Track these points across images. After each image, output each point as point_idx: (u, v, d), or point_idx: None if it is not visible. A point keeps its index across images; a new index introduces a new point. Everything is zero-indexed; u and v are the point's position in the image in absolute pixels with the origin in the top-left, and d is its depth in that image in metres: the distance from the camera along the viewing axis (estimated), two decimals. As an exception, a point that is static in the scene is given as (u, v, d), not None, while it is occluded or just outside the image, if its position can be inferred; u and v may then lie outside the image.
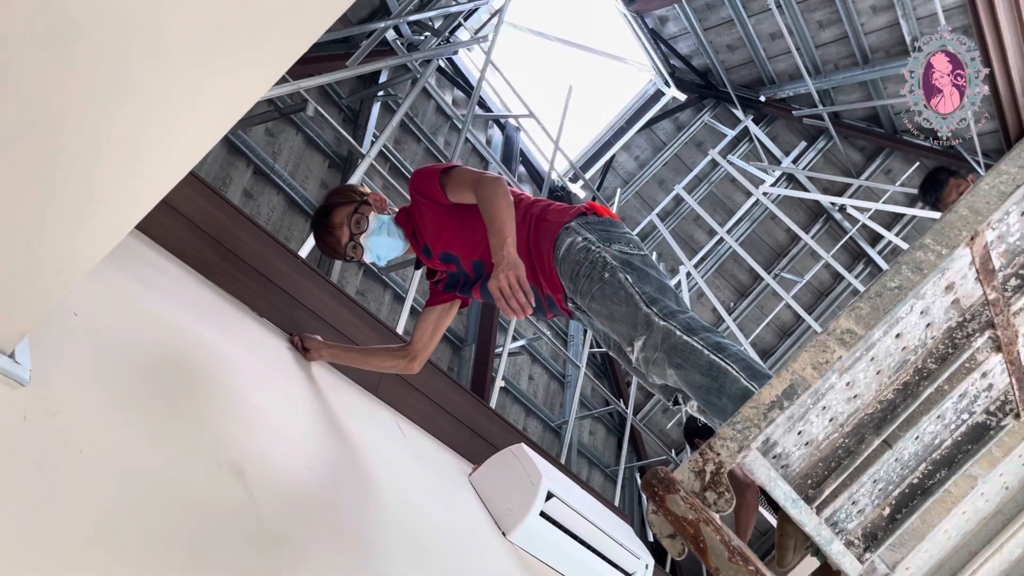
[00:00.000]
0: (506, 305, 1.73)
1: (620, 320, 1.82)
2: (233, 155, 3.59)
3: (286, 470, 1.72)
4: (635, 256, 1.92)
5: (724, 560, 0.82)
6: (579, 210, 2.07)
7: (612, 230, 2.00)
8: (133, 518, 1.14)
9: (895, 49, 6.55)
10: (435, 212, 2.23)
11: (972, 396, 1.22)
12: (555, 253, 2.00)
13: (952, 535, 1.50)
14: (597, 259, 1.89)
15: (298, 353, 2.48)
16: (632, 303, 1.80)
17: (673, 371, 1.70)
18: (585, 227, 1.99)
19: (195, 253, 2.32)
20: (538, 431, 5.81)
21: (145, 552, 1.10)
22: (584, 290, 1.90)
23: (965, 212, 0.95)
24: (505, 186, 2.01)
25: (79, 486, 1.10)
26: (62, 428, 1.18)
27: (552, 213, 2.09)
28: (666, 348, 1.70)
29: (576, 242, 1.95)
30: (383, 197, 2.39)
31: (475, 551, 2.34)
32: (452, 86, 6.22)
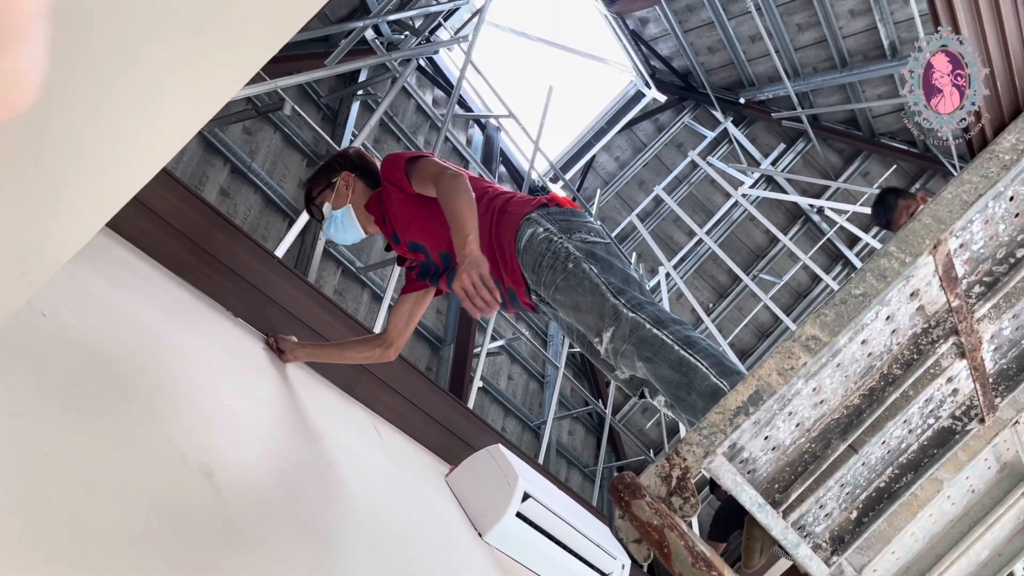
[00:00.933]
0: (471, 304, 1.72)
1: (586, 311, 1.80)
2: (210, 153, 3.57)
3: (257, 471, 1.71)
4: (598, 245, 1.91)
5: (688, 566, 0.82)
6: (540, 201, 2.05)
7: (573, 219, 1.98)
8: (99, 522, 1.13)
9: (873, 53, 6.61)
10: (402, 201, 2.21)
11: (938, 401, 1.23)
12: (516, 245, 1.98)
13: (919, 538, 1.52)
14: (560, 250, 1.87)
15: (274, 354, 2.46)
16: (598, 293, 1.78)
17: (642, 364, 1.68)
18: (546, 218, 1.97)
19: (169, 252, 2.29)
20: (517, 431, 5.81)
21: (112, 556, 1.09)
22: (548, 281, 1.88)
23: (928, 220, 0.97)
24: (465, 182, 1.98)
25: (43, 490, 1.09)
26: (26, 430, 1.16)
27: (513, 205, 2.07)
28: (635, 341, 1.69)
29: (537, 233, 1.94)
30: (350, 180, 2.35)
31: (450, 552, 2.34)
32: (432, 85, 6.21)
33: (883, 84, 6.83)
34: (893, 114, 7.10)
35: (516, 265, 2.00)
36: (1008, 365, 1.29)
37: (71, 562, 1.02)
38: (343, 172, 2.36)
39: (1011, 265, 1.13)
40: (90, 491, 1.18)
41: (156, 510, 1.27)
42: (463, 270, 1.75)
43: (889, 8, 6.19)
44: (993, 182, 0.97)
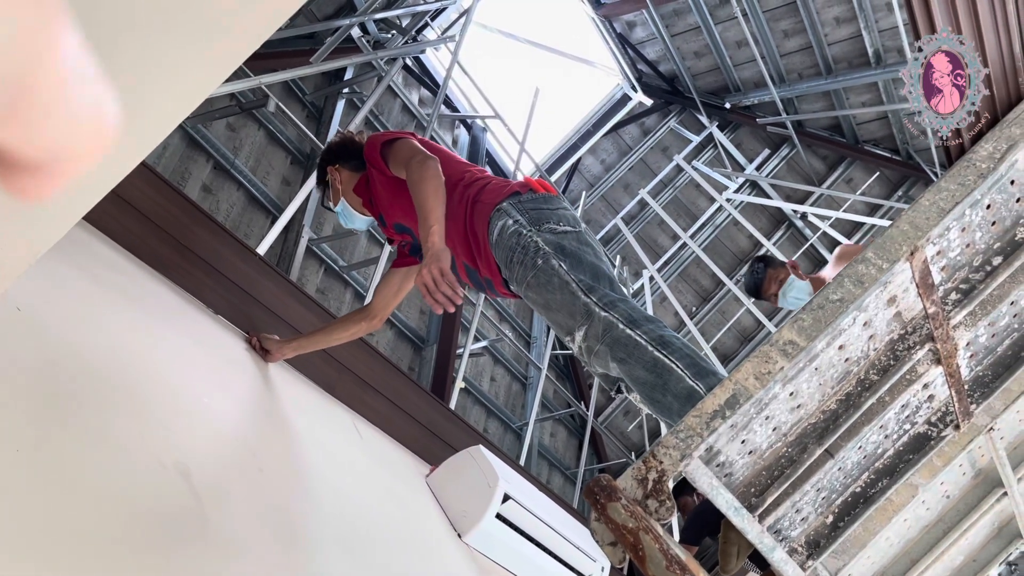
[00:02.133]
0: (432, 300, 1.70)
1: (556, 309, 1.76)
2: (192, 149, 3.54)
3: (235, 471, 1.70)
4: (567, 236, 1.86)
5: (662, 569, 0.82)
6: (512, 188, 2.00)
7: (544, 208, 1.93)
8: (73, 520, 1.12)
9: (857, 60, 6.66)
10: (384, 182, 2.18)
11: (914, 407, 1.24)
12: (489, 238, 1.94)
13: (894, 543, 1.53)
14: (528, 244, 1.82)
15: (257, 354, 2.45)
16: (568, 291, 1.74)
17: (616, 364, 1.64)
18: (516, 208, 1.92)
19: (150, 249, 2.28)
20: (499, 432, 5.81)
21: (85, 554, 1.08)
22: (519, 278, 1.84)
23: (906, 227, 0.97)
24: (434, 169, 1.93)
25: (16, 486, 1.08)
26: (4, 427, 1.15)
27: (486, 193, 2.02)
28: (608, 341, 1.65)
29: (507, 226, 1.89)
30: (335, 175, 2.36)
31: (430, 553, 2.34)
32: (418, 85, 6.20)
33: (867, 91, 6.89)
34: (877, 121, 7.16)
35: (490, 256, 1.96)
36: (983, 372, 1.30)
37: (44, 561, 1.00)
38: (328, 168, 2.36)
39: (987, 273, 1.14)
40: (65, 489, 1.16)
41: (131, 509, 1.26)
42: (424, 264, 1.72)
43: (874, 16, 6.24)
44: (970, 190, 0.98)
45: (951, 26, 1.38)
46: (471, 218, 2.02)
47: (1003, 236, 1.13)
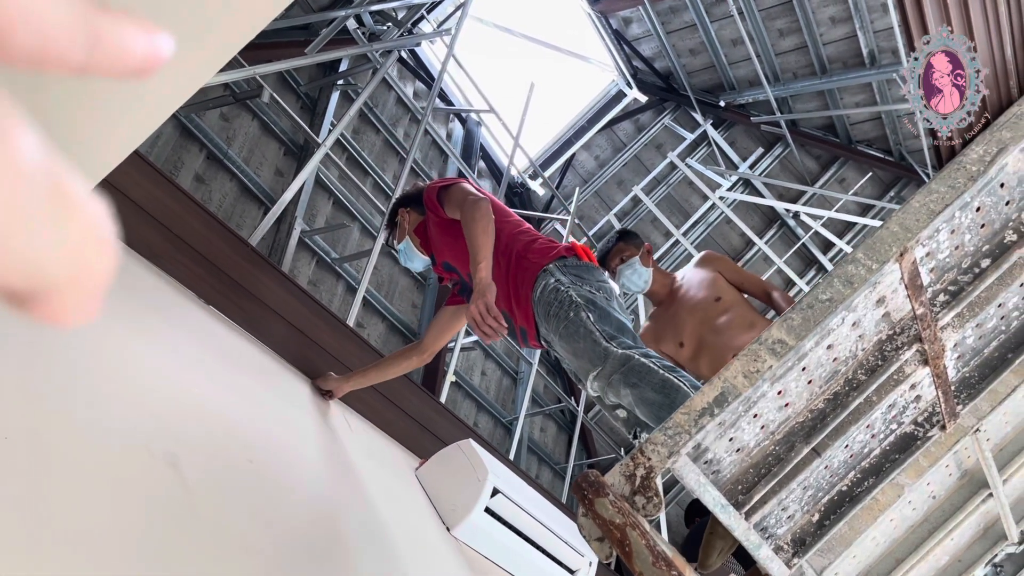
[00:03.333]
0: (480, 332, 1.85)
1: (580, 356, 1.92)
2: (185, 139, 3.53)
3: (225, 462, 1.70)
4: (599, 294, 2.03)
5: (648, 565, 0.83)
6: (560, 252, 2.17)
7: (586, 276, 2.09)
8: (60, 507, 1.12)
9: (852, 60, 6.68)
10: (438, 224, 2.38)
11: (901, 407, 1.25)
12: (532, 295, 2.11)
13: (880, 542, 1.54)
14: (564, 299, 2.00)
15: (246, 348, 2.45)
16: (591, 339, 1.90)
17: (628, 390, 1.77)
18: (562, 270, 2.09)
19: (141, 238, 2.27)
20: (489, 427, 5.81)
21: (73, 542, 1.08)
22: (553, 328, 2.01)
23: (896, 228, 0.98)
24: (484, 209, 2.11)
25: (5, 474, 1.08)
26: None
27: (534, 252, 2.19)
28: (624, 371, 1.79)
29: (550, 284, 2.06)
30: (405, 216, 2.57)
31: (418, 545, 2.34)
32: (413, 78, 6.19)
33: (861, 92, 6.90)
34: (870, 122, 7.18)
35: (530, 310, 2.13)
36: (970, 373, 1.31)
37: (31, 546, 1.00)
38: (400, 209, 2.58)
39: (976, 275, 1.14)
40: (52, 476, 1.16)
41: (119, 498, 1.26)
42: (473, 299, 1.89)
43: (869, 17, 6.25)
44: (960, 192, 0.99)
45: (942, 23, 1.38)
46: (515, 271, 2.20)
47: (992, 239, 1.14)
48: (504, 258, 2.21)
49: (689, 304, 2.58)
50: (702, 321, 2.48)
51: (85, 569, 1.06)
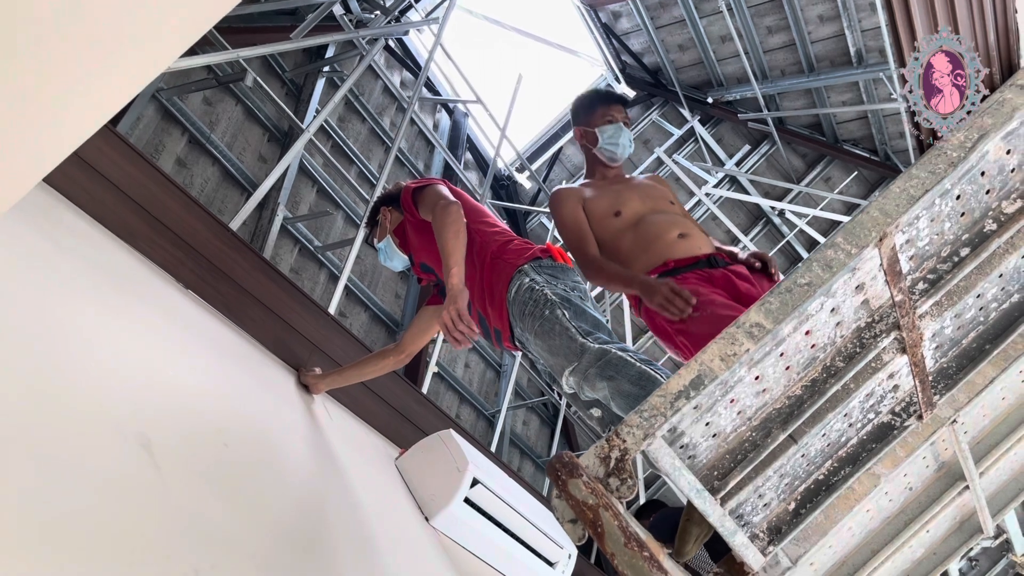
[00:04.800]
0: (451, 338, 1.88)
1: (555, 353, 1.91)
2: (167, 122, 3.48)
3: (199, 445, 1.68)
4: (574, 295, 2.03)
5: (620, 546, 0.82)
6: (535, 253, 2.17)
7: (561, 276, 2.10)
8: (28, 488, 1.10)
9: (839, 59, 6.70)
10: (414, 225, 2.39)
11: (879, 396, 1.24)
12: (507, 295, 2.10)
13: (856, 532, 1.54)
14: (540, 297, 2.00)
15: (224, 333, 2.42)
16: (567, 335, 1.89)
17: (605, 383, 1.76)
18: (536, 270, 2.09)
19: (119, 219, 2.24)
20: (471, 419, 5.80)
21: (41, 526, 1.05)
22: (528, 327, 2.01)
23: (876, 213, 0.97)
24: (455, 214, 2.12)
25: (-33, 451, 1.05)
26: (-48, 390, 1.12)
27: (509, 253, 2.19)
28: (601, 364, 1.78)
29: (524, 284, 2.06)
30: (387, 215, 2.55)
31: (396, 535, 2.33)
32: (400, 67, 6.15)
33: (848, 91, 6.93)
34: (856, 121, 7.20)
35: (504, 311, 2.12)
36: (948, 364, 1.31)
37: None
38: (382, 208, 2.57)
39: (955, 264, 1.14)
40: (20, 455, 1.14)
41: (88, 479, 1.24)
42: (445, 305, 1.91)
43: (857, 16, 6.27)
44: (940, 178, 0.98)
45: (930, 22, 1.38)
46: (490, 272, 2.19)
47: (971, 227, 1.13)
48: (479, 259, 2.21)
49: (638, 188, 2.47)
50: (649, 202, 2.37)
51: (51, 548, 1.04)
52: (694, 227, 2.31)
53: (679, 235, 2.22)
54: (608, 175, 2.55)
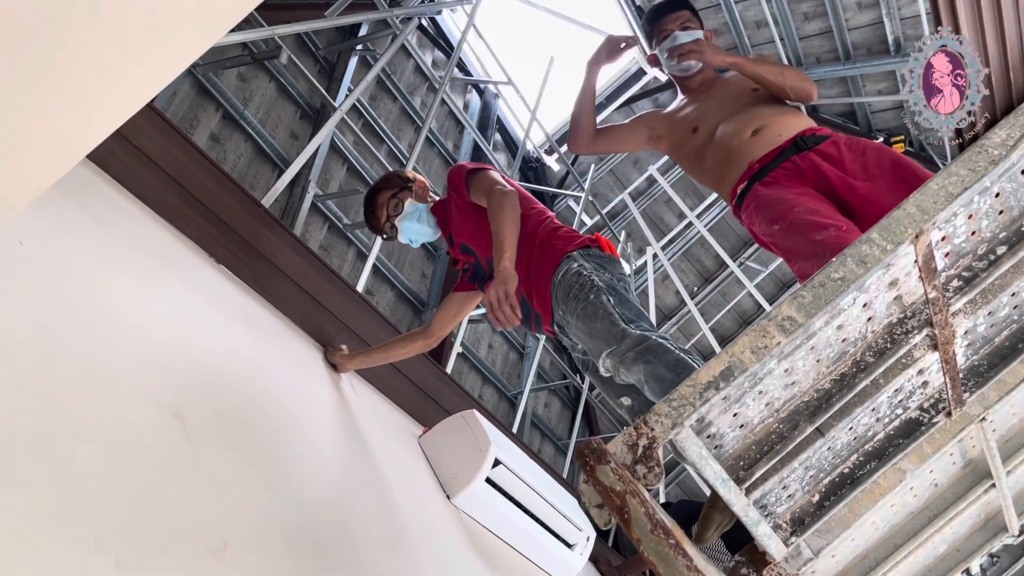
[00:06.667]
0: (494, 317, 1.93)
1: (596, 336, 1.93)
2: (202, 97, 3.52)
3: (229, 418, 1.71)
4: (619, 285, 2.05)
5: (646, 532, 0.83)
6: (584, 241, 2.19)
7: (608, 266, 2.12)
8: (67, 452, 1.13)
9: (877, 47, 6.59)
10: (460, 206, 2.40)
11: (907, 392, 1.24)
12: (553, 279, 2.13)
13: (879, 526, 1.53)
14: (586, 282, 2.02)
15: (255, 309, 2.46)
16: (609, 320, 1.91)
17: (642, 366, 1.78)
18: (585, 257, 2.12)
19: (155, 194, 2.27)
20: (493, 399, 5.84)
21: (72, 489, 1.09)
22: (571, 310, 2.02)
23: (912, 210, 0.97)
24: (513, 201, 2.16)
25: (12, 416, 1.09)
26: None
27: (558, 239, 2.21)
28: (640, 349, 1.80)
29: (572, 268, 2.08)
30: (426, 185, 2.59)
31: (418, 512, 2.36)
32: (433, 47, 6.14)
33: (884, 80, 6.82)
34: (892, 111, 7.09)
35: (548, 295, 2.15)
36: (979, 362, 1.30)
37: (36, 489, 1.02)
38: (417, 179, 2.59)
39: (991, 262, 1.13)
40: (59, 419, 1.17)
41: (124, 449, 1.27)
42: (494, 285, 1.96)
43: (896, 3, 6.16)
44: (980, 176, 0.97)
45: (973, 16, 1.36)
46: (538, 256, 2.21)
47: (1010, 226, 1.12)
48: (528, 244, 2.23)
49: (719, 92, 2.33)
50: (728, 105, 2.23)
51: (88, 515, 1.07)
52: (772, 113, 2.17)
53: (753, 132, 2.10)
54: (691, 87, 2.45)
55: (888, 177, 1.85)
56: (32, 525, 0.96)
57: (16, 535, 0.92)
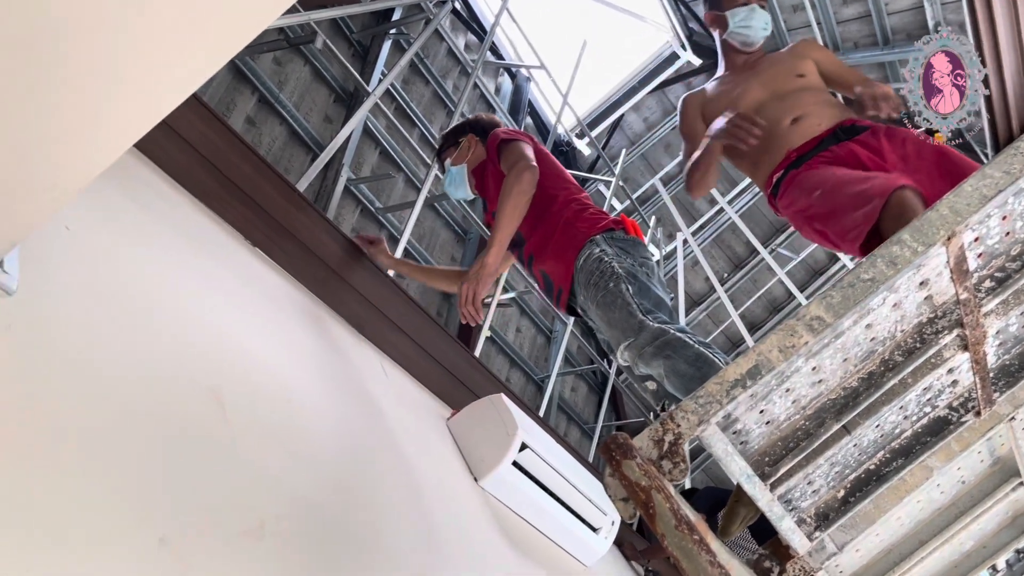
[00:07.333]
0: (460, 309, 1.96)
1: (614, 326, 1.94)
2: (239, 81, 3.56)
3: (265, 400, 1.75)
4: (642, 270, 2.03)
5: (671, 528, 0.85)
6: (608, 224, 2.17)
7: (631, 250, 2.10)
8: (109, 433, 1.17)
9: (917, 32, 6.46)
10: (494, 174, 2.39)
11: (936, 391, 1.24)
12: (576, 261, 2.13)
13: (905, 522, 1.54)
14: (607, 269, 2.01)
15: (288, 291, 2.50)
16: (627, 311, 1.91)
17: (661, 361, 1.78)
18: (608, 241, 2.11)
19: (192, 178, 2.31)
20: (520, 383, 5.87)
21: (118, 469, 1.13)
22: (592, 297, 2.03)
23: (945, 211, 0.97)
24: (527, 184, 2.13)
25: (59, 398, 1.13)
26: (46, 340, 1.20)
27: (583, 221, 2.20)
28: (659, 343, 1.79)
29: (594, 254, 2.08)
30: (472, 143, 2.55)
31: (446, 493, 2.40)
32: (465, 30, 6.14)
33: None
34: (931, 98, 6.96)
35: (570, 274, 2.15)
36: (1011, 361, 1.30)
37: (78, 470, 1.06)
38: (469, 134, 2.56)
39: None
40: (102, 402, 1.21)
41: (162, 425, 1.31)
42: (467, 279, 1.97)
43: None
44: (1015, 179, 0.97)
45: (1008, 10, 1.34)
46: (562, 236, 2.21)
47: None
48: (553, 223, 2.22)
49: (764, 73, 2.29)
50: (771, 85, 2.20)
51: (129, 494, 1.11)
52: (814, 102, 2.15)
53: (792, 120, 2.08)
54: (738, 62, 2.38)
55: (929, 169, 1.83)
56: (81, 501, 1.00)
57: (67, 511, 0.97)
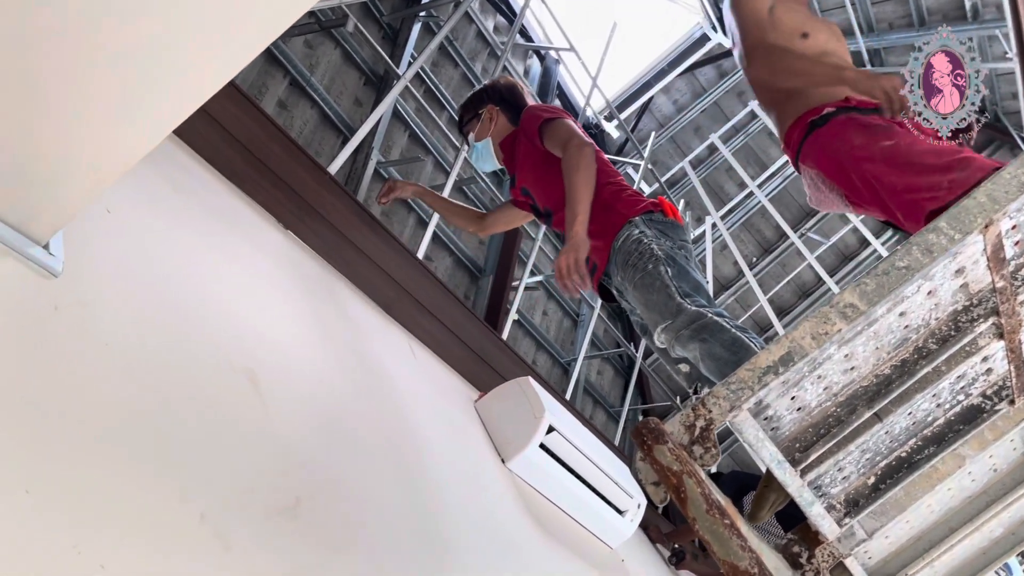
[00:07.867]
0: (562, 283, 1.95)
1: (652, 308, 1.94)
2: (270, 64, 3.58)
3: (297, 380, 1.78)
4: (679, 254, 2.03)
5: (702, 512, 0.86)
6: (647, 206, 2.17)
7: (670, 233, 2.10)
8: (149, 412, 1.21)
9: (954, 13, 6.34)
10: (530, 152, 2.38)
11: (970, 379, 1.24)
12: (614, 243, 2.12)
13: (935, 510, 1.54)
14: (646, 250, 2.01)
15: (319, 273, 2.53)
16: (666, 293, 1.91)
17: (697, 344, 1.79)
18: (647, 223, 2.10)
19: (226, 161, 2.34)
20: (547, 366, 5.89)
21: (156, 446, 1.16)
22: (629, 277, 2.03)
23: (983, 199, 0.96)
24: (590, 158, 2.12)
25: (103, 376, 1.16)
26: (91, 320, 1.23)
27: (622, 203, 2.20)
28: (696, 326, 1.81)
29: (633, 235, 2.07)
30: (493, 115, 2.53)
31: (473, 475, 2.42)
32: (495, 12, 6.11)
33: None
34: (967, 80, 6.83)
35: (606, 254, 2.16)
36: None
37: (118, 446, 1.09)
38: (489, 105, 2.54)
39: (1062, 251, 1.12)
40: (143, 381, 1.25)
41: (201, 407, 1.34)
42: (565, 251, 1.95)
43: (978, -33, 5.92)
44: (1054, 167, 0.96)
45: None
46: (600, 217, 2.19)
47: (1084, 215, 1.11)
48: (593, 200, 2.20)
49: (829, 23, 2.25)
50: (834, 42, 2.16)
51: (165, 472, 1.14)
52: None
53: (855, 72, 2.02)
54: None
55: None
56: (125, 478, 1.03)
57: (111, 488, 1.00)
